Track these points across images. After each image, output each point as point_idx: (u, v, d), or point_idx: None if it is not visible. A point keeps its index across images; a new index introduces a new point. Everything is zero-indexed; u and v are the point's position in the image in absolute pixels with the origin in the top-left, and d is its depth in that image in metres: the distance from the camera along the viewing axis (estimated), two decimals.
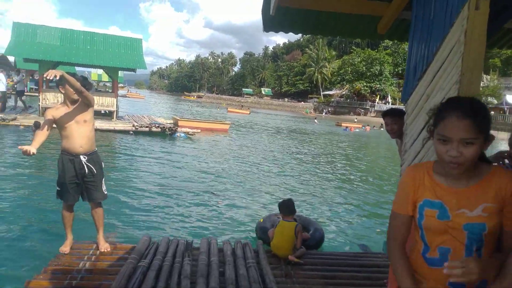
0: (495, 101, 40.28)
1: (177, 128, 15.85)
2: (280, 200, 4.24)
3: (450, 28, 1.93)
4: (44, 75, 3.21)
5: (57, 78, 3.14)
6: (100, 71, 36.50)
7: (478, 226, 1.29)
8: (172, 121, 18.38)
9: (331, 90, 75.55)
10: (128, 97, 56.93)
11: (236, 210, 6.38)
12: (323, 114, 61.63)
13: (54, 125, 3.47)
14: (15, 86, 16.41)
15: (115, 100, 16.69)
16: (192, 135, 15.99)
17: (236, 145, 15.18)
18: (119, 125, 15.01)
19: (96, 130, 13.71)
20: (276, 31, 3.23)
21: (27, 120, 13.54)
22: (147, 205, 6.10)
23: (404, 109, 3.28)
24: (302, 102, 79.10)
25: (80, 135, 3.48)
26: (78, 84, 3.30)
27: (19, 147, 3.08)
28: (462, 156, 1.23)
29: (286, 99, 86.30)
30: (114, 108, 16.63)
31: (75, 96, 3.43)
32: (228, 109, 46.49)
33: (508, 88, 43.72)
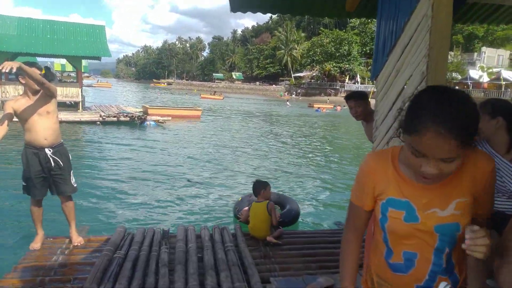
0: (459, 77, 41.71)
1: (146, 117, 15.52)
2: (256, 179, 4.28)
3: (417, 2, 1.94)
4: None
5: (14, 70, 2.95)
6: (64, 61, 35.04)
7: (451, 227, 1.09)
8: (141, 110, 17.98)
9: (302, 72, 75.90)
10: (94, 86, 55.32)
11: (213, 195, 6.36)
12: (293, 95, 61.98)
13: (15, 118, 3.28)
14: None
15: (80, 90, 16.10)
16: (162, 123, 15.71)
17: (209, 131, 15.05)
18: (86, 116, 14.54)
19: (61, 122, 13.26)
20: (244, 11, 3.16)
21: None
22: (120, 196, 5.97)
23: (365, 91, 3.34)
24: (274, 85, 79.12)
25: (44, 127, 3.32)
26: (37, 75, 3.13)
27: None
28: (440, 173, 0.99)
29: (257, 83, 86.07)
30: (79, 99, 16.06)
31: (37, 87, 3.25)
32: (201, 95, 45.95)
33: (471, 64, 45.36)
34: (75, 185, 3.63)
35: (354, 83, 62.53)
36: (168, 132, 13.93)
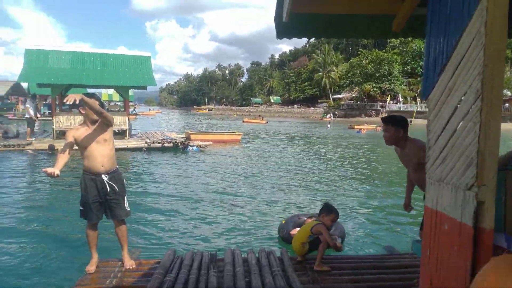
0: (509, 93, 39.66)
1: (189, 142, 15.95)
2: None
3: (469, 20, 1.91)
4: (64, 100, 3.27)
5: (77, 102, 3.19)
6: (111, 90, 37.14)
7: None
8: (184, 135, 18.53)
9: (340, 94, 75.41)
10: (143, 113, 58.45)
11: (257, 217, 6.36)
12: (331, 117, 61.39)
13: (75, 146, 3.50)
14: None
15: (127, 118, 16.89)
16: (204, 148, 16.06)
17: (250, 155, 15.17)
18: (132, 143, 15.17)
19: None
20: (290, 37, 3.24)
21: (41, 144, 13.78)
22: (167, 219, 6.11)
23: (399, 116, 3.24)
24: (312, 108, 79.02)
25: (101, 154, 3.51)
26: (97, 106, 3.35)
27: (43, 170, 3.13)
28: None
29: (295, 106, 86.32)
30: (126, 127, 16.81)
31: (95, 117, 3.47)
32: (244, 120, 46.65)
33: None
34: (128, 209, 3.77)
35: (396, 103, 61.10)
36: (209, 156, 14.21)
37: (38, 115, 18.26)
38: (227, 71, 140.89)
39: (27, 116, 15.51)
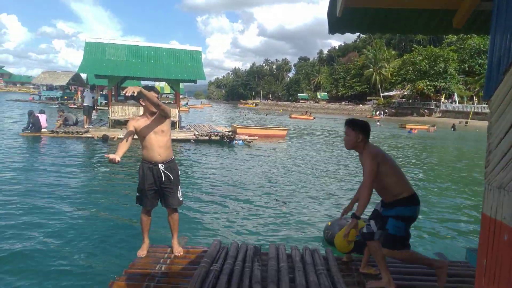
0: None
1: (235, 136, 16.17)
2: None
3: None
4: (123, 92, 3.44)
5: (135, 94, 3.35)
6: (163, 83, 38.43)
7: None
8: (230, 129, 18.81)
9: (391, 91, 72.79)
10: (196, 106, 60.33)
11: (302, 215, 6.33)
12: (381, 115, 59.42)
13: (135, 136, 3.67)
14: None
15: (177, 111, 17.42)
16: (249, 142, 16.21)
17: (296, 151, 15.11)
18: (182, 135, 15.65)
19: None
20: (342, 33, 3.17)
21: (98, 133, 14.60)
22: (213, 210, 6.26)
23: (364, 121, 3.17)
24: (361, 105, 77.01)
25: (158, 144, 3.66)
26: (155, 98, 3.49)
27: (106, 155, 3.32)
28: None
29: (343, 103, 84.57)
30: (176, 119, 17.35)
31: (154, 109, 3.62)
32: (291, 115, 46.53)
33: None
34: (181, 199, 3.92)
35: (451, 102, 57.96)
36: (255, 151, 14.32)
37: (96, 106, 19.28)
38: (274, 66, 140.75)
39: (85, 104, 16.49)
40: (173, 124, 17.52)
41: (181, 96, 24.31)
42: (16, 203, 5.87)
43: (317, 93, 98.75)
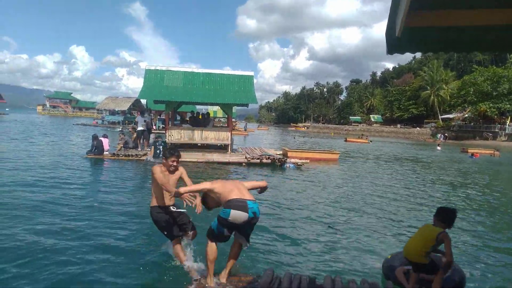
0: None
1: (286, 159, 16.04)
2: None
3: None
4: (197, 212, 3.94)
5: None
6: (216, 107, 39.54)
7: None
8: (281, 152, 18.71)
9: (451, 113, 69.10)
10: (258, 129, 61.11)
11: (357, 245, 5.99)
12: (441, 139, 56.31)
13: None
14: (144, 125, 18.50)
15: (229, 134, 17.72)
16: (301, 165, 15.97)
17: (349, 175, 14.63)
18: (233, 157, 15.81)
19: (213, 162, 14.71)
20: (402, 53, 3.00)
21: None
22: (264, 236, 6.11)
23: None
24: (418, 128, 73.76)
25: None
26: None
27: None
28: None
29: (398, 125, 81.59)
30: (228, 142, 17.64)
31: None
32: (347, 139, 45.80)
33: None
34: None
35: None
36: (306, 174, 14.06)
37: (154, 128, 20.16)
38: (325, 89, 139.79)
39: (139, 129, 17.31)
40: (225, 147, 17.82)
41: (236, 120, 24.81)
42: (85, 218, 6.14)
43: (371, 115, 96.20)
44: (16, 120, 45.04)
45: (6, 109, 70.66)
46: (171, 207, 4.37)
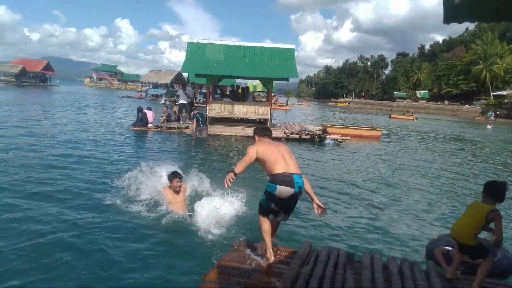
0: None
1: (326, 135, 15.82)
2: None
3: None
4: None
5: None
6: (256, 81, 39.40)
7: None
8: (321, 128, 18.46)
9: (504, 90, 64.63)
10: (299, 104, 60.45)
11: (398, 224, 5.89)
12: (491, 117, 53.06)
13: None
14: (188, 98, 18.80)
15: (269, 109, 17.65)
16: (341, 142, 15.71)
17: (392, 153, 14.23)
18: (272, 133, 15.79)
19: (252, 137, 14.75)
20: (460, 22, 2.78)
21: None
22: (303, 212, 6.14)
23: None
24: (466, 105, 69.84)
25: None
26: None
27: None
28: None
29: (446, 102, 77.63)
30: (268, 116, 17.60)
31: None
32: (392, 115, 44.47)
33: None
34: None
35: None
36: (347, 151, 13.84)
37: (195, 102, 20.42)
38: (369, 63, 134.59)
39: (180, 102, 17.64)
40: (264, 122, 17.81)
41: (275, 94, 24.60)
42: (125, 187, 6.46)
43: (417, 91, 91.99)
44: (69, 92, 47.42)
45: (57, 81, 74.29)
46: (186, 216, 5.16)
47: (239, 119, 17.95)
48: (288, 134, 15.32)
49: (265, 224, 3.73)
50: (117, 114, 22.67)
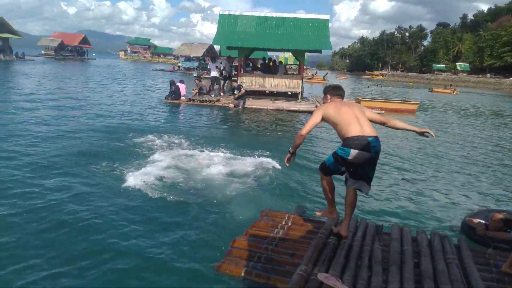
0: None
1: None
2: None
3: None
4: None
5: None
6: (287, 54, 38.71)
7: None
8: (354, 101, 18.07)
9: None
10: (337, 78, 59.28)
11: (430, 198, 5.76)
12: None
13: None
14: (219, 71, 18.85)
15: (300, 82, 17.41)
16: None
17: (428, 127, 13.75)
18: (303, 106, 15.65)
19: (283, 110, 14.70)
20: None
21: (226, 101, 15.56)
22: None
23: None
24: (510, 78, 65.83)
25: None
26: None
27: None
28: None
29: (488, 75, 73.49)
30: (299, 90, 17.39)
31: None
32: (433, 89, 42.96)
33: None
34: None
35: None
36: (380, 125, 13.49)
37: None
38: (407, 34, 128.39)
39: (212, 75, 17.70)
40: (295, 95, 17.64)
41: (307, 67, 24.16)
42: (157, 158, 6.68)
43: (457, 63, 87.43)
44: (105, 65, 48.68)
45: (93, 54, 76.27)
46: None
47: (269, 92, 17.86)
48: None
49: (328, 183, 3.55)
50: (151, 87, 23.16)
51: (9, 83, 19.54)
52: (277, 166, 6.34)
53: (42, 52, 64.56)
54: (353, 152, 3.18)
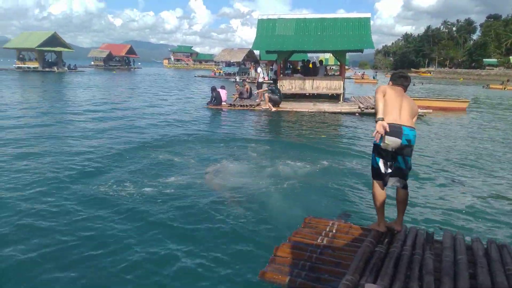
0: None
1: None
2: None
3: None
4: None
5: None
6: (327, 54, 38.23)
7: None
8: None
9: None
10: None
11: (485, 202, 5.42)
12: None
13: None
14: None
15: (342, 83, 17.07)
16: (422, 115, 14.70)
17: (479, 126, 13.03)
18: (346, 107, 15.34)
19: (325, 112, 14.49)
20: None
21: (266, 105, 15.56)
22: None
23: None
24: None
25: None
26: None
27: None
28: None
29: None
30: (341, 91, 17.06)
31: None
32: (490, 85, 41.19)
33: None
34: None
35: None
36: (428, 126, 12.94)
37: (266, 78, 20.59)
38: (454, 28, 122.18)
39: (259, 80, 17.81)
40: (337, 97, 17.33)
41: (349, 67, 23.60)
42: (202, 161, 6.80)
43: (510, 57, 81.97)
44: (150, 74, 50.69)
45: (139, 63, 79.57)
46: None
47: (310, 94, 17.67)
48: (363, 109, 14.74)
49: (378, 193, 3.60)
50: (194, 94, 23.80)
51: (67, 95, 20.99)
52: (321, 169, 6.25)
53: (92, 63, 68.30)
54: (385, 138, 3.32)
